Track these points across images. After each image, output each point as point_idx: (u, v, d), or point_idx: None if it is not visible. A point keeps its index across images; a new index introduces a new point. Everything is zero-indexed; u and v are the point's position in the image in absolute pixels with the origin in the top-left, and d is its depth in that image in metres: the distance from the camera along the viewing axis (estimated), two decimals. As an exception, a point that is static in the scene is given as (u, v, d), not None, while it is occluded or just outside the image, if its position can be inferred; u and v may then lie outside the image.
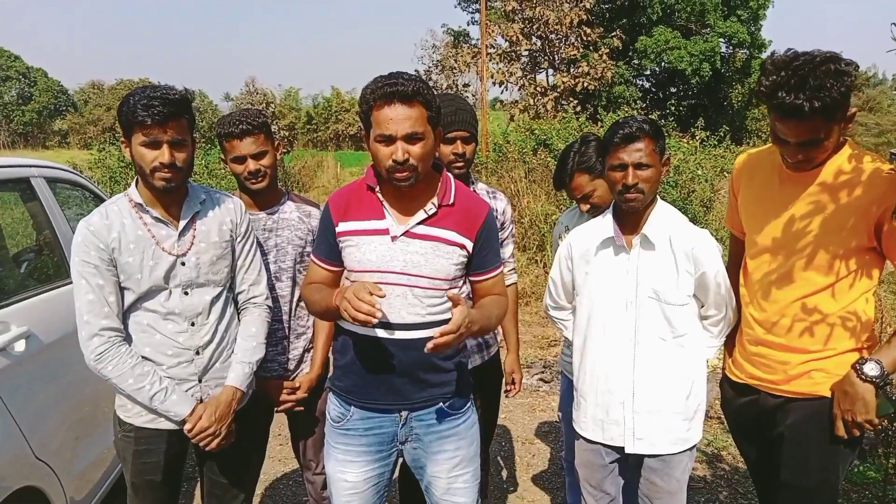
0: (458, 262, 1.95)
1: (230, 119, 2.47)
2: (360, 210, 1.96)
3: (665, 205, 2.27)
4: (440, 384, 2.01)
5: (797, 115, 1.81)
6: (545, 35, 22.10)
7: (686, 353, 2.22)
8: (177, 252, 2.14)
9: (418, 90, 1.80)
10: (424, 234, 1.92)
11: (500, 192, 2.84)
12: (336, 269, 2.04)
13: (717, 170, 10.26)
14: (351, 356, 2.00)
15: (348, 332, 2.00)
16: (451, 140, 2.55)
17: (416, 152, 1.82)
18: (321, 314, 2.06)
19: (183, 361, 2.17)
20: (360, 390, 2.01)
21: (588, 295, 2.31)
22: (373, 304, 1.71)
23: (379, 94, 1.80)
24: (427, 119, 1.84)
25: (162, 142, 2.02)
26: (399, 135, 1.80)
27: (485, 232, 1.97)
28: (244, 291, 2.34)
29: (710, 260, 2.17)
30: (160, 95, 2.00)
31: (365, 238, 1.94)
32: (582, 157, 2.61)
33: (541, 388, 5.40)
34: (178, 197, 2.17)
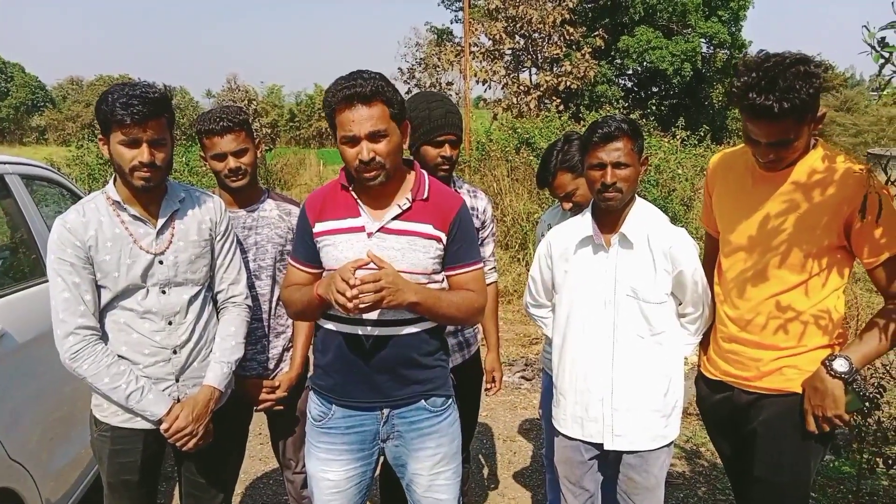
0: (434, 256, 1.96)
1: (210, 116, 2.45)
2: (336, 209, 1.97)
3: (644, 204, 2.30)
4: (421, 381, 2.01)
5: (767, 115, 1.84)
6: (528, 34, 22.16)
7: (664, 350, 2.24)
8: (154, 250, 2.13)
9: (378, 89, 1.82)
10: (399, 229, 1.93)
11: (481, 192, 2.86)
12: (315, 271, 2.04)
13: (697, 169, 10.36)
14: (332, 354, 2.00)
15: (329, 331, 2.00)
16: (439, 143, 2.57)
17: (381, 150, 1.84)
18: (302, 313, 2.05)
19: (160, 360, 2.15)
20: (342, 388, 2.01)
21: (567, 293, 2.32)
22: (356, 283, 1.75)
23: (339, 96, 1.82)
24: (390, 116, 1.86)
25: (141, 141, 2.00)
26: (362, 134, 1.82)
27: (458, 225, 1.98)
28: (223, 290, 2.33)
29: (688, 259, 2.19)
30: (140, 94, 1.98)
31: (341, 236, 1.94)
32: (565, 155, 2.62)
33: (522, 386, 5.42)
34: (157, 195, 2.16)
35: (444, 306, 1.93)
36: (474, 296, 2.01)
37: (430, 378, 2.03)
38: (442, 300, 1.93)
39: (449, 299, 1.95)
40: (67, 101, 50.03)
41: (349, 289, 1.75)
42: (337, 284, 1.77)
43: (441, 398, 2.07)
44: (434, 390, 2.04)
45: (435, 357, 2.04)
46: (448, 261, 1.99)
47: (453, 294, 1.98)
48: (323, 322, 2.01)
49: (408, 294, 1.83)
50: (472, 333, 2.84)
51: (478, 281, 2.04)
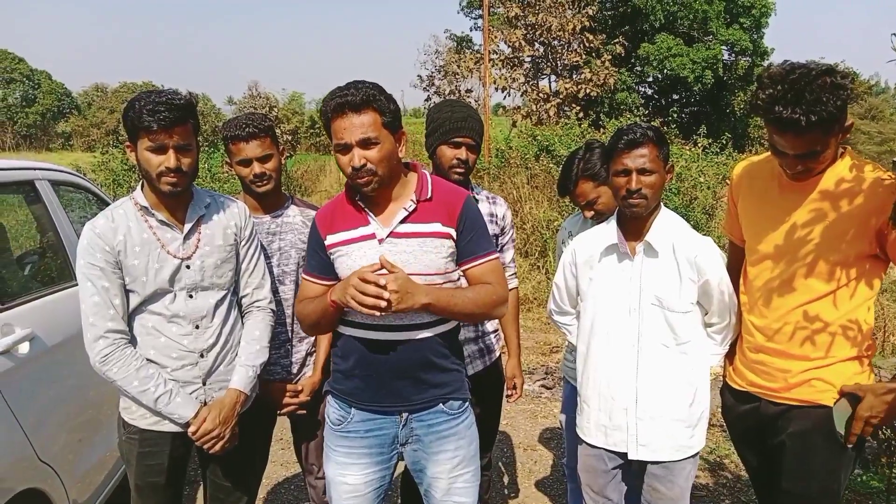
0: (447, 255, 1.97)
1: (237, 122, 2.50)
2: (346, 220, 2.01)
3: (669, 212, 2.29)
4: (440, 384, 2.02)
5: (794, 128, 1.82)
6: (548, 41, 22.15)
7: (689, 360, 2.23)
8: (182, 255, 2.16)
9: (369, 98, 1.86)
10: (409, 231, 1.95)
11: (501, 198, 2.88)
12: (329, 283, 2.06)
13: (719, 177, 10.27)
14: (352, 359, 2.02)
15: (348, 336, 2.02)
16: (456, 144, 2.59)
17: (372, 156, 1.88)
18: (316, 324, 2.06)
19: (187, 364, 2.18)
20: (361, 392, 2.02)
21: (592, 301, 2.32)
22: (378, 282, 1.78)
23: (331, 106, 1.88)
24: (382, 124, 1.89)
25: (168, 147, 2.04)
26: (353, 142, 1.87)
27: (465, 218, 1.99)
28: (248, 295, 2.36)
29: (714, 268, 2.18)
30: (166, 101, 2.02)
31: (354, 246, 1.97)
32: (586, 164, 2.62)
33: (543, 395, 5.40)
34: (184, 200, 2.19)
35: (459, 303, 1.94)
36: (492, 288, 2.00)
37: (447, 381, 2.04)
38: (456, 297, 1.94)
39: (464, 295, 1.96)
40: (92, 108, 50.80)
41: (371, 286, 1.77)
42: (356, 285, 1.79)
43: (458, 401, 2.08)
44: (452, 393, 2.05)
45: (452, 360, 2.06)
46: (461, 255, 2.01)
47: (468, 290, 1.99)
48: (342, 328, 2.03)
49: (418, 296, 1.84)
50: (493, 340, 2.84)
51: (495, 272, 2.03)
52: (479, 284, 2.01)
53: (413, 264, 1.93)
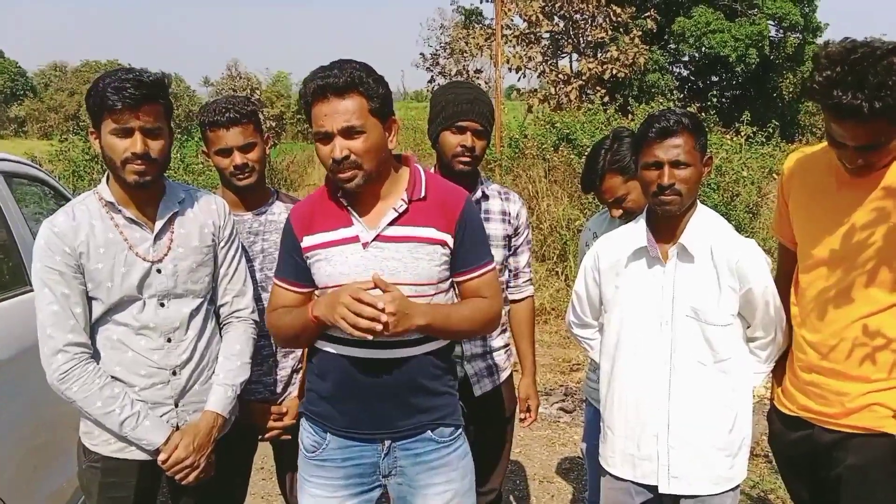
0: (440, 263, 1.98)
1: (215, 106, 2.51)
2: (326, 220, 2.01)
3: (706, 210, 2.29)
4: (428, 409, 2.03)
5: (855, 116, 1.81)
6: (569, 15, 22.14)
7: (729, 380, 2.23)
8: (152, 258, 2.17)
9: (354, 80, 1.86)
10: (398, 235, 1.96)
11: (515, 194, 2.88)
12: (304, 291, 2.07)
13: (764, 171, 10.26)
14: (330, 379, 2.03)
15: (326, 353, 2.02)
16: (461, 129, 2.59)
17: (356, 147, 1.87)
18: (293, 339, 2.10)
19: (157, 382, 2.19)
20: (338, 416, 2.03)
21: (617, 312, 2.32)
22: (375, 304, 1.78)
23: (311, 89, 1.88)
24: (369, 110, 1.89)
25: (134, 129, 2.05)
26: (335, 130, 1.86)
27: (465, 223, 2.00)
28: (227, 304, 2.37)
29: (758, 274, 2.18)
30: (133, 78, 2.03)
31: (334, 249, 1.98)
32: (615, 155, 2.62)
33: (561, 419, 5.40)
34: (154, 195, 2.20)
35: (454, 323, 1.98)
36: (487, 304, 2.04)
37: (437, 406, 2.05)
38: (452, 317, 1.97)
39: (460, 314, 1.99)
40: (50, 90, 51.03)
41: (367, 308, 1.78)
42: (349, 305, 1.79)
43: (450, 428, 2.08)
44: (442, 419, 2.06)
45: (443, 381, 2.07)
46: (457, 265, 2.02)
47: (464, 306, 2.02)
48: (319, 343, 2.04)
49: (415, 318, 1.87)
50: (503, 356, 2.85)
51: (491, 285, 2.06)
52: (473, 299, 2.04)
53: (402, 273, 1.94)
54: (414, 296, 1.94)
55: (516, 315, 2.91)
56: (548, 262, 9.10)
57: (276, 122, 30.37)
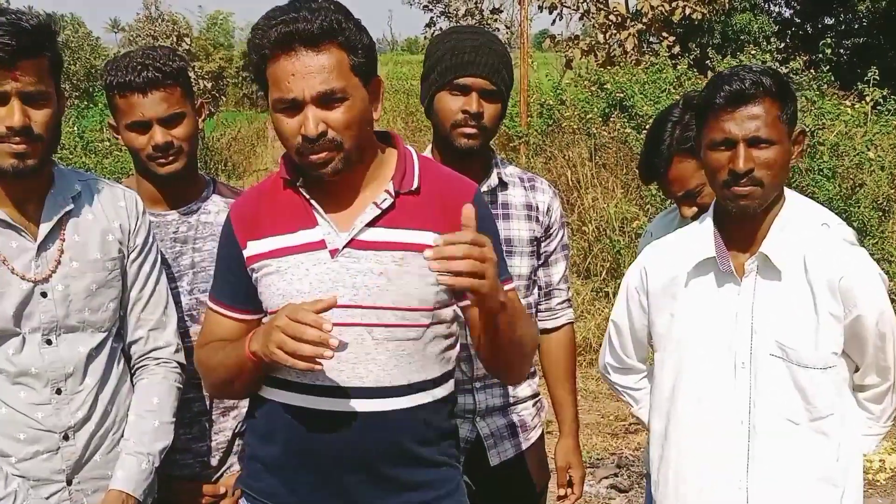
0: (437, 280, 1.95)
1: (128, 62, 2.49)
2: (279, 219, 2.02)
3: (801, 203, 2.32)
4: (419, 486, 2.04)
5: None
6: (624, -69, 22.20)
7: (831, 444, 2.24)
8: (35, 277, 2.18)
9: (332, 26, 1.85)
10: (380, 240, 1.96)
11: (543, 180, 2.90)
12: (248, 318, 2.09)
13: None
14: (277, 441, 2.04)
15: (273, 404, 2.03)
16: (463, 89, 2.57)
17: (336, 120, 1.88)
18: (226, 383, 2.09)
19: (42, 451, 2.19)
20: (291, 494, 2.04)
21: (674, 350, 2.35)
22: (320, 325, 1.72)
23: (271, 37, 1.86)
24: (351, 68, 1.90)
25: (9, 95, 2.04)
26: (307, 97, 1.86)
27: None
28: (141, 340, 2.39)
29: (870, 297, 2.19)
30: (7, 22, 2.01)
31: (291, 259, 1.98)
32: (686, 130, 2.62)
33: (613, 500, 5.40)
34: (39, 187, 2.20)
35: (522, 324, 1.97)
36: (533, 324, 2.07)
37: (431, 481, 2.06)
38: (521, 315, 1.98)
39: (527, 321, 2.01)
40: None
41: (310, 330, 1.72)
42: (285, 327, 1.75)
43: None
44: (438, 501, 2.07)
45: (440, 448, 2.08)
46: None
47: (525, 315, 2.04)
48: (265, 391, 2.05)
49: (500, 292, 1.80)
50: (532, 411, 2.88)
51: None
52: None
53: (385, 292, 1.94)
54: (400, 325, 1.95)
55: (551, 351, 2.91)
56: (594, 279, 9.01)
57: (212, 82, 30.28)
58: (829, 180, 8.83)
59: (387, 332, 1.95)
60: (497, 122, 2.69)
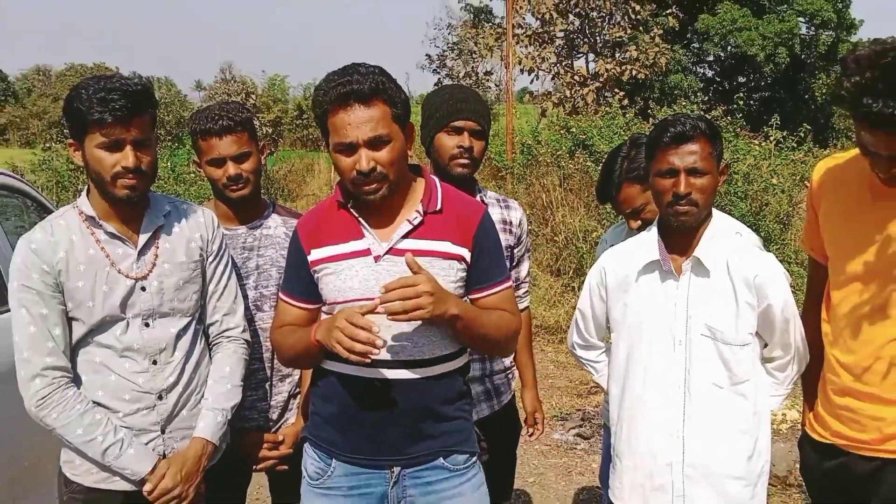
0: (456, 279, 1.99)
1: (208, 113, 2.52)
2: (334, 232, 2.03)
3: (724, 220, 2.31)
4: (440, 435, 2.04)
5: (888, 125, 1.81)
6: (585, 12, 22.19)
7: (748, 403, 2.23)
8: (136, 275, 2.18)
9: (378, 86, 1.88)
10: (412, 248, 1.96)
11: (514, 201, 2.91)
12: (312, 307, 2.10)
13: (796, 178, 10.25)
14: (336, 402, 2.04)
15: (332, 374, 2.03)
16: (457, 130, 2.60)
17: (383, 158, 1.90)
18: (296, 360, 2.12)
19: (143, 408, 2.20)
20: (344, 441, 2.04)
21: (626, 332, 2.33)
22: (370, 328, 1.78)
23: (332, 95, 1.88)
24: (392, 117, 1.91)
25: (125, 142, 2.06)
26: (360, 141, 1.87)
27: (482, 238, 2.02)
28: (217, 323, 2.38)
29: (777, 290, 2.19)
30: (119, 87, 2.03)
31: (344, 263, 2.00)
32: (632, 163, 2.64)
33: (579, 446, 5.38)
34: (139, 208, 2.22)
35: (484, 325, 1.99)
36: (510, 316, 2.06)
37: (450, 431, 2.05)
38: (482, 317, 1.99)
39: (488, 318, 2.01)
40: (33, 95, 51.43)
41: (362, 332, 1.78)
42: (343, 328, 1.80)
43: (464, 455, 2.08)
44: (455, 446, 2.06)
45: (457, 406, 2.07)
46: (475, 281, 2.04)
47: (492, 313, 2.03)
48: (327, 364, 2.05)
49: (450, 306, 1.87)
50: (503, 380, 2.86)
51: (510, 301, 2.09)
52: (498, 310, 2.04)
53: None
54: None
55: None
56: (563, 276, 9.08)
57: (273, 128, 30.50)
58: (742, 200, 8.92)
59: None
60: (482, 155, 2.72)
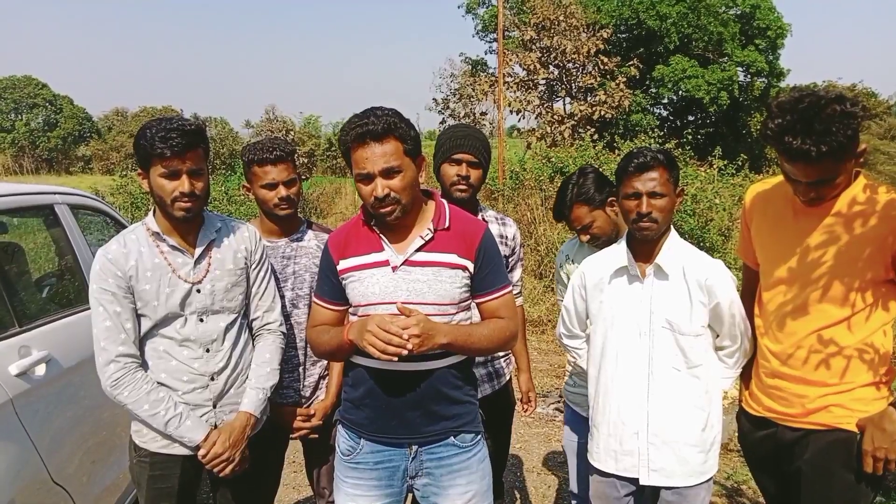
0: (461, 286, 1.97)
1: (262, 146, 2.51)
2: (359, 245, 2.01)
3: (677, 236, 2.29)
4: (452, 417, 2.01)
5: (805, 158, 1.82)
6: (562, 64, 22.24)
7: (701, 383, 2.21)
8: (192, 279, 2.18)
9: (390, 126, 1.86)
10: (424, 260, 1.95)
11: (509, 219, 2.89)
12: (340, 308, 2.08)
13: (735, 199, 10.19)
14: (362, 389, 2.01)
15: (359, 365, 2.01)
16: (456, 161, 2.60)
17: (395, 185, 1.88)
18: (330, 354, 2.08)
19: (198, 387, 2.20)
20: (371, 423, 2.02)
21: (602, 324, 2.31)
22: (401, 335, 1.77)
23: (352, 135, 1.87)
24: (404, 151, 1.90)
25: (181, 172, 2.07)
26: (376, 172, 1.87)
27: (483, 251, 1.99)
28: (258, 318, 2.37)
29: (724, 291, 2.17)
30: (177, 127, 2.05)
31: (367, 272, 1.97)
32: (580, 188, 2.63)
33: (556, 418, 5.35)
34: (195, 225, 2.22)
35: (475, 341, 1.95)
36: (505, 323, 2.02)
37: (459, 413, 2.03)
38: (473, 336, 1.95)
39: (480, 333, 1.96)
40: (112, 132, 51.52)
41: (395, 338, 1.77)
42: (376, 333, 1.79)
43: (470, 434, 2.06)
44: (463, 426, 2.04)
45: (464, 391, 2.05)
46: (477, 288, 2.01)
47: (484, 326, 2.00)
48: (355, 358, 2.03)
49: (438, 337, 1.85)
50: (502, 364, 2.84)
51: (508, 306, 2.04)
52: (492, 319, 2.02)
53: (427, 293, 1.93)
54: (437, 314, 1.93)
55: None
56: (545, 279, 9.05)
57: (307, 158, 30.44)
58: (690, 217, 8.88)
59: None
60: (480, 182, 2.68)
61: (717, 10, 26.31)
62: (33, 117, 57.40)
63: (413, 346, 1.78)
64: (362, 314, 1.97)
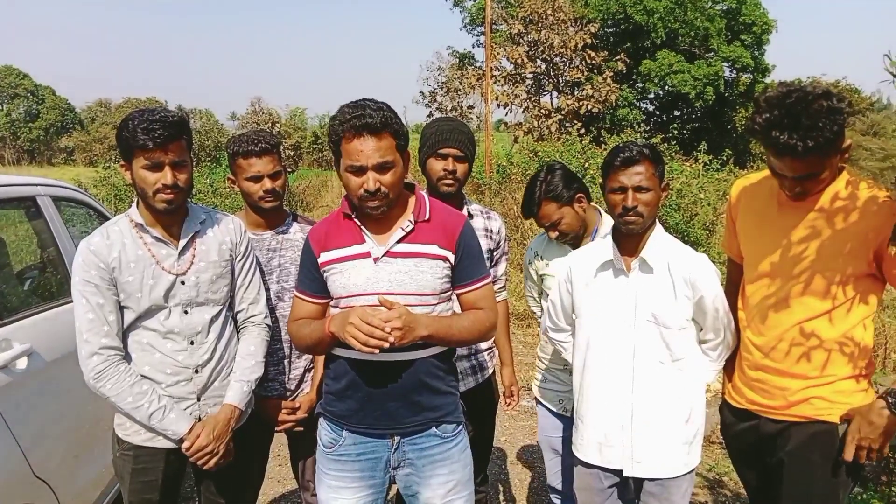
0: (442, 276, 1.97)
1: (247, 138, 2.49)
2: (340, 238, 2.00)
3: (662, 230, 2.30)
4: (433, 407, 2.01)
5: (792, 153, 1.83)
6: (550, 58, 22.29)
7: (685, 377, 2.23)
8: (176, 271, 2.17)
9: (387, 121, 1.85)
10: (405, 251, 1.95)
11: (495, 213, 2.88)
12: (322, 301, 2.07)
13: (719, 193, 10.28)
14: (345, 381, 2.01)
15: (341, 357, 2.01)
16: (443, 156, 2.59)
17: (387, 181, 1.88)
18: (311, 347, 2.06)
19: (182, 380, 2.18)
20: (353, 415, 2.01)
21: (587, 317, 2.32)
22: (383, 327, 1.76)
23: (348, 126, 1.85)
24: (396, 147, 1.89)
25: (164, 164, 2.05)
26: (370, 165, 1.85)
27: (463, 242, 1.99)
28: (243, 310, 2.36)
29: (708, 285, 2.18)
30: (159, 118, 2.03)
31: (348, 263, 1.97)
32: (549, 185, 2.62)
33: (539, 410, 5.37)
34: (179, 217, 2.20)
35: (455, 333, 1.96)
36: (484, 314, 2.02)
37: (441, 404, 2.03)
38: (453, 327, 1.95)
39: (460, 325, 1.97)
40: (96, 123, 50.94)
41: (377, 331, 1.77)
42: (359, 326, 1.78)
43: (452, 424, 2.06)
44: (445, 417, 2.04)
45: (446, 382, 2.05)
46: (457, 279, 2.01)
47: (463, 318, 2.00)
48: (336, 350, 2.02)
49: (419, 330, 1.85)
50: (485, 357, 2.84)
51: (487, 298, 2.05)
52: (472, 310, 2.02)
53: (408, 284, 1.93)
54: (418, 304, 1.93)
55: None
56: (531, 273, 9.08)
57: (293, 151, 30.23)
58: (676, 211, 8.94)
59: (411, 309, 1.91)
60: (466, 176, 2.67)
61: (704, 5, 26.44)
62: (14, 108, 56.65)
63: (395, 339, 1.78)
64: (344, 306, 1.97)
